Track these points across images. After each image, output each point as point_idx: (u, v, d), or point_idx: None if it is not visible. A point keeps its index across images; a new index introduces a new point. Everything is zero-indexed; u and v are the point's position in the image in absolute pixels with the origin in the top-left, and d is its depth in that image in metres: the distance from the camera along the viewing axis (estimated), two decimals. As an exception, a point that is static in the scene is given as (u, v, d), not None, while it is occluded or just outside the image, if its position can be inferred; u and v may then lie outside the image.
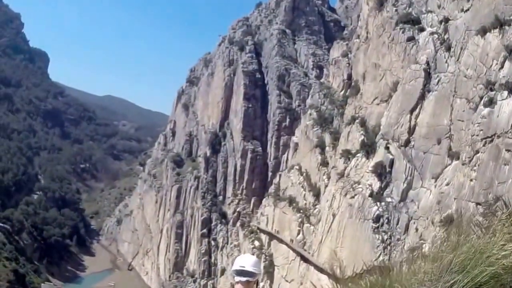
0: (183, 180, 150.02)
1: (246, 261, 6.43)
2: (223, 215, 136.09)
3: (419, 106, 67.97)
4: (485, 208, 50.69)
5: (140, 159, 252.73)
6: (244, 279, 6.34)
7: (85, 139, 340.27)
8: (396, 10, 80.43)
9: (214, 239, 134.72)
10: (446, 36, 67.81)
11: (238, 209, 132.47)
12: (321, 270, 77.15)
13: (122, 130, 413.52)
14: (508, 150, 50.58)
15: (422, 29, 73.78)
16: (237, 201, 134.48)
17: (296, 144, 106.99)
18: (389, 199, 68.43)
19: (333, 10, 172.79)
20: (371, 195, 70.36)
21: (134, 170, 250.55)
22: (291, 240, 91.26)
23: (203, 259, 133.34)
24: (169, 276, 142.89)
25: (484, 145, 53.99)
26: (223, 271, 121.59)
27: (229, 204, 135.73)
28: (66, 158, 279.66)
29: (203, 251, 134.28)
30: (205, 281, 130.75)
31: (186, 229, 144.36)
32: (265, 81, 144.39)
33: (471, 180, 54.50)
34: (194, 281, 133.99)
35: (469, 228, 6.62)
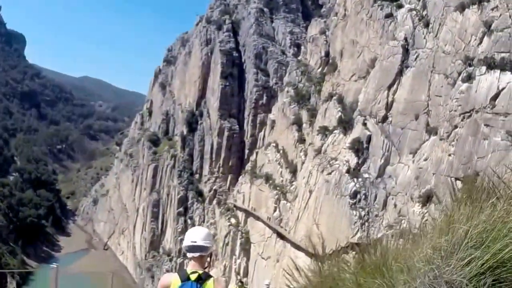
0: (159, 159, 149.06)
1: (197, 235, 6.18)
2: (200, 193, 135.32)
3: (396, 82, 67.67)
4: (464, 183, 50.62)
5: (116, 139, 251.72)
6: (196, 254, 6.04)
7: (62, 120, 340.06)
8: (374, -13, 79.84)
9: (191, 218, 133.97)
10: (424, 13, 67.48)
11: (214, 187, 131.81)
12: (297, 247, 77.01)
13: (99, 110, 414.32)
14: (487, 125, 50.44)
15: (400, 6, 73.40)
16: (213, 179, 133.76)
17: (273, 122, 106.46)
18: (366, 175, 68.17)
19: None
20: (348, 171, 70.02)
21: (111, 150, 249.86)
22: (268, 218, 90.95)
23: (179, 238, 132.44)
24: (145, 255, 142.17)
25: (462, 120, 53.83)
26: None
27: (206, 182, 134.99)
28: (43, 139, 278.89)
29: (179, 229, 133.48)
30: (182, 259, 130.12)
31: (162, 208, 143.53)
32: (243, 60, 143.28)
33: (449, 155, 54.39)
34: (170, 260, 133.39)
35: (487, 194, 5.67)
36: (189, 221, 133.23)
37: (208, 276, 5.81)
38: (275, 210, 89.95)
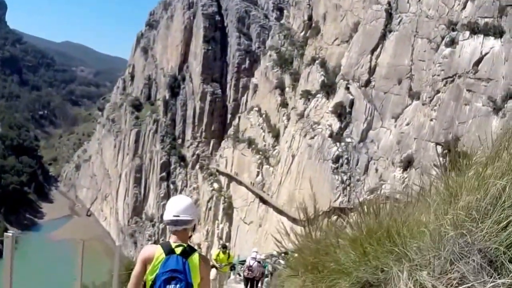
0: (142, 124, 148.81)
1: (179, 207, 5.58)
2: (182, 158, 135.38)
3: (379, 47, 67.45)
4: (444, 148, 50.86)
5: (98, 104, 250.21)
6: (180, 228, 5.58)
7: (44, 85, 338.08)
8: (357, -51, 79.11)
9: (173, 183, 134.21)
10: (408, -24, 67.02)
11: (197, 152, 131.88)
12: (280, 211, 77.20)
13: (81, 75, 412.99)
14: (469, 90, 50.49)
15: (384, -31, 72.82)
16: (196, 144, 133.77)
17: (256, 86, 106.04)
18: (348, 140, 68.16)
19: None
20: (330, 135, 69.94)
21: (93, 115, 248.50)
22: (251, 183, 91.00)
23: (162, 203, 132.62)
24: (128, 221, 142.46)
25: (445, 85, 53.84)
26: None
27: (188, 147, 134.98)
28: (24, 105, 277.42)
29: (162, 195, 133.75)
30: (164, 225, 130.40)
31: (145, 173, 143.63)
32: (225, 24, 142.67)
33: (431, 120, 54.49)
34: (153, 226, 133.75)
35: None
36: (171, 186, 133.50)
37: (192, 250, 5.49)
38: (257, 175, 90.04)
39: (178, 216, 5.52)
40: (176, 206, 5.57)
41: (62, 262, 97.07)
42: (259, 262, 22.19)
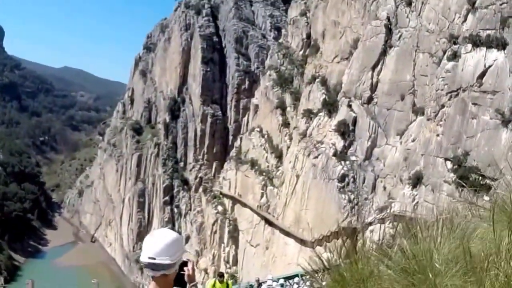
0: (143, 148, 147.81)
1: (156, 248, 4.32)
2: (185, 182, 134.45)
3: (380, 63, 66.98)
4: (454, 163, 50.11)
5: (99, 129, 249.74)
6: (158, 273, 4.38)
7: (43, 111, 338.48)
8: (355, -34, 78.74)
9: (177, 206, 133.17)
10: (406, -9, 66.62)
11: (200, 175, 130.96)
12: (287, 233, 76.37)
13: (81, 100, 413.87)
14: (474, 104, 49.89)
15: (381, -15, 72.42)
16: (198, 166, 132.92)
17: (256, 106, 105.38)
18: (353, 158, 67.51)
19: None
20: (335, 154, 69.27)
21: (94, 140, 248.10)
22: (259, 207, 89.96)
23: (166, 227, 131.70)
24: (133, 247, 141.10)
25: (449, 99, 53.26)
26: (187, 238, 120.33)
27: (191, 170, 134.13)
28: (25, 132, 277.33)
29: (166, 219, 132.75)
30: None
31: (148, 197, 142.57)
32: (223, 45, 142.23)
33: (437, 135, 53.87)
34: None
35: None
36: (175, 210, 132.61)
37: None
38: (262, 196, 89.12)
39: (154, 258, 4.33)
40: (153, 246, 4.35)
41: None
42: None
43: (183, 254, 4.51)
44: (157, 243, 4.32)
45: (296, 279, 28.90)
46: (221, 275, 22.24)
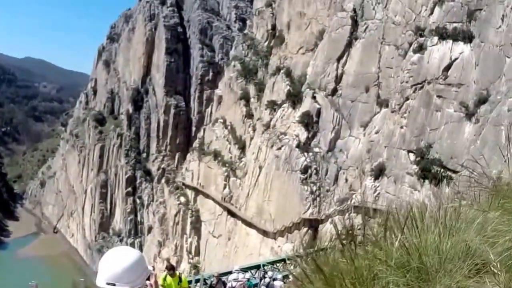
0: (106, 139, 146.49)
1: (116, 271, 3.59)
2: (148, 173, 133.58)
3: (346, 54, 66.75)
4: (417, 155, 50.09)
5: (62, 120, 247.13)
6: None
7: (6, 102, 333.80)
8: (321, -43, 78.41)
9: (140, 197, 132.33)
10: (373, -17, 66.50)
11: (162, 166, 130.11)
12: (249, 224, 76.03)
13: (43, 91, 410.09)
14: (439, 96, 49.90)
15: (348, -24, 72.21)
16: (161, 157, 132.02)
17: (220, 97, 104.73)
18: (316, 149, 67.19)
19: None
20: (298, 145, 68.90)
21: (56, 131, 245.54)
22: (222, 198, 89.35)
23: (129, 218, 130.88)
24: (95, 237, 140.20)
25: (414, 92, 53.24)
26: (149, 229, 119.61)
27: (153, 161, 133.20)
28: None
29: (128, 210, 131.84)
30: (132, 239, 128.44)
31: (110, 188, 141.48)
32: (187, 35, 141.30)
33: (401, 127, 53.81)
34: (121, 241, 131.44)
35: None
36: (138, 201, 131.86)
37: None
38: (225, 187, 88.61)
39: (114, 284, 3.59)
40: (112, 269, 3.62)
41: (31, 279, 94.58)
42: (241, 281, 20.47)
43: (147, 275, 3.82)
44: (117, 265, 3.63)
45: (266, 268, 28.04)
46: (171, 267, 18.96)
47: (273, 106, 78.76)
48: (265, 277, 21.96)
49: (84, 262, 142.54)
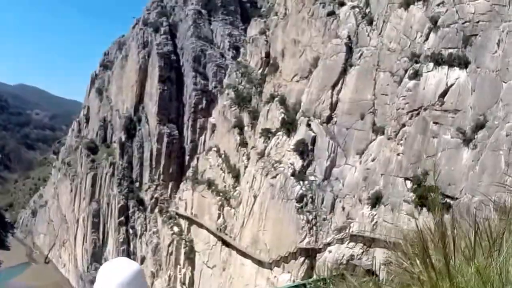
0: (98, 167, 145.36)
1: (114, 284, 3.41)
2: (141, 202, 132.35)
3: (341, 81, 66.37)
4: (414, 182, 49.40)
5: (54, 148, 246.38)
6: None
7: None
8: (315, -15, 78.42)
9: (132, 227, 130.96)
10: (367, 10, 66.66)
11: (155, 195, 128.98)
12: (244, 254, 74.99)
13: (36, 119, 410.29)
14: (436, 123, 49.39)
15: (342, 3, 72.40)
16: (154, 186, 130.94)
17: (214, 125, 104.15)
18: (312, 178, 66.49)
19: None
20: (293, 174, 68.22)
21: (48, 159, 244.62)
22: (218, 229, 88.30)
23: (121, 248, 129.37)
24: (87, 267, 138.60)
25: (410, 118, 52.73)
26: (142, 259, 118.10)
27: (146, 190, 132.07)
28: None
29: (121, 239, 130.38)
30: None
31: (103, 217, 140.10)
32: (181, 63, 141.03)
33: (398, 154, 53.23)
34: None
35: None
36: (131, 231, 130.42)
37: None
38: (219, 217, 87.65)
39: None
40: (109, 282, 3.47)
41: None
42: None
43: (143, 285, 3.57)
44: (114, 280, 3.50)
45: None
46: None
47: (267, 134, 78.19)
48: None
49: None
